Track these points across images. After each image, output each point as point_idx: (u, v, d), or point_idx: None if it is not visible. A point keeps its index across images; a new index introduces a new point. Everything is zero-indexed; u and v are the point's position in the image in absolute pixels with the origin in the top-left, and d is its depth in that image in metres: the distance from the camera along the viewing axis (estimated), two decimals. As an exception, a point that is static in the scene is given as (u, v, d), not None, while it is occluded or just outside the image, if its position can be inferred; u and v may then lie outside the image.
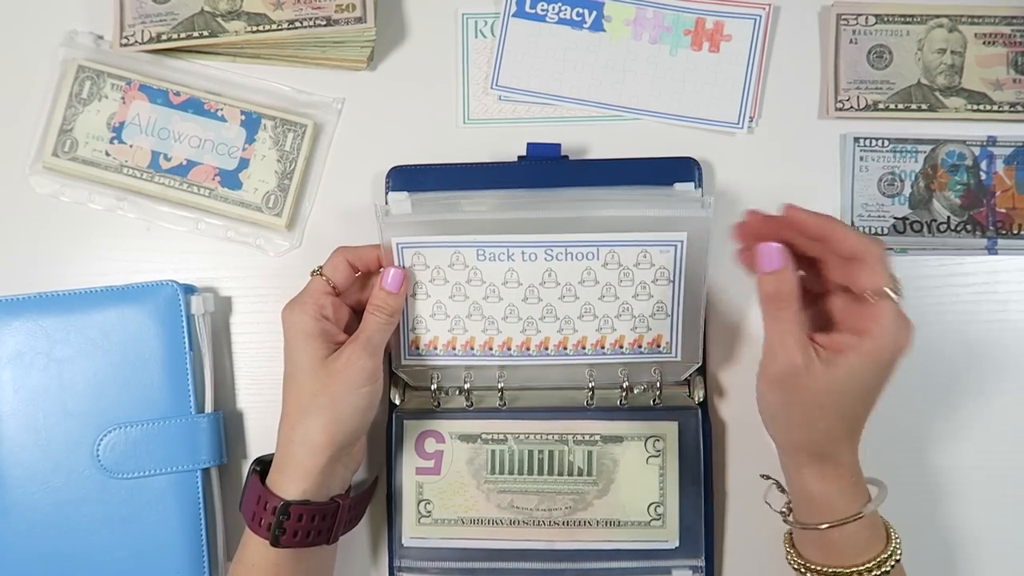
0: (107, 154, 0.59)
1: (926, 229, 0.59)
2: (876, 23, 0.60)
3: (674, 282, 0.54)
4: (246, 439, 0.60)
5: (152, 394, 0.56)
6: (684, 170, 0.57)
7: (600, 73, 0.60)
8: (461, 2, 0.61)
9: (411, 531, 0.57)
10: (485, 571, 0.57)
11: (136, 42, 0.58)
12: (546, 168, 0.58)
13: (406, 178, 0.58)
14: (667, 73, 0.60)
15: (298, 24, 0.58)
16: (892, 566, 0.47)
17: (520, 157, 0.58)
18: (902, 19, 0.60)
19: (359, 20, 0.58)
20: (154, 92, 0.60)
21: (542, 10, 0.61)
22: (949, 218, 0.59)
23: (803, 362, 0.44)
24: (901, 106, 0.59)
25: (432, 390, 0.56)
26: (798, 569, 0.50)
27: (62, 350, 0.56)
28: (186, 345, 0.57)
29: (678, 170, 0.57)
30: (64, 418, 0.56)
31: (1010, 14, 0.59)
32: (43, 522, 0.56)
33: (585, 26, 0.60)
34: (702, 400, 0.57)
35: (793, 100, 0.60)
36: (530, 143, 0.58)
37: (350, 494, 0.54)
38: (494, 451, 0.57)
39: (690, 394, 0.57)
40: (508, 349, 0.55)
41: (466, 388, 0.56)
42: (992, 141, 0.59)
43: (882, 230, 0.59)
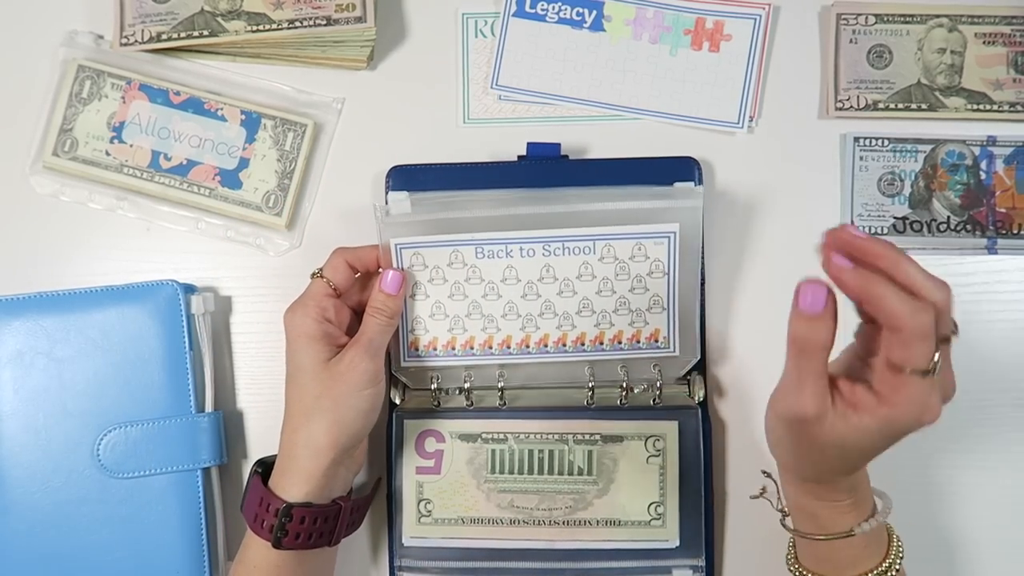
0: (107, 154, 0.59)
1: (926, 229, 0.59)
2: (876, 23, 0.60)
3: (669, 275, 0.54)
4: (246, 439, 0.60)
5: (152, 394, 0.56)
6: (684, 170, 0.57)
7: (600, 73, 0.60)
8: (461, 2, 0.61)
9: (411, 531, 0.57)
10: (485, 571, 0.57)
11: (136, 42, 0.58)
12: (546, 168, 0.58)
13: (406, 178, 0.58)
14: (667, 73, 0.60)
15: (298, 24, 0.58)
16: None
17: (520, 157, 0.58)
18: (902, 19, 0.60)
19: (359, 20, 0.58)
20: (154, 92, 0.60)
21: (542, 10, 0.61)
22: (949, 218, 0.59)
23: (815, 413, 0.41)
24: (901, 106, 0.59)
25: (432, 390, 0.56)
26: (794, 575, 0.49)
27: (62, 350, 0.56)
28: (186, 345, 0.57)
29: (678, 170, 0.57)
30: (64, 418, 0.56)
31: (1010, 14, 0.59)
32: (43, 522, 0.56)
33: (585, 26, 0.60)
34: (702, 400, 0.57)
35: (793, 100, 0.60)
36: (530, 143, 0.58)
37: (352, 496, 0.54)
38: (494, 451, 0.57)
39: (690, 394, 0.57)
40: (508, 347, 0.55)
41: (466, 388, 0.56)
42: (992, 141, 0.59)
43: (882, 230, 0.59)
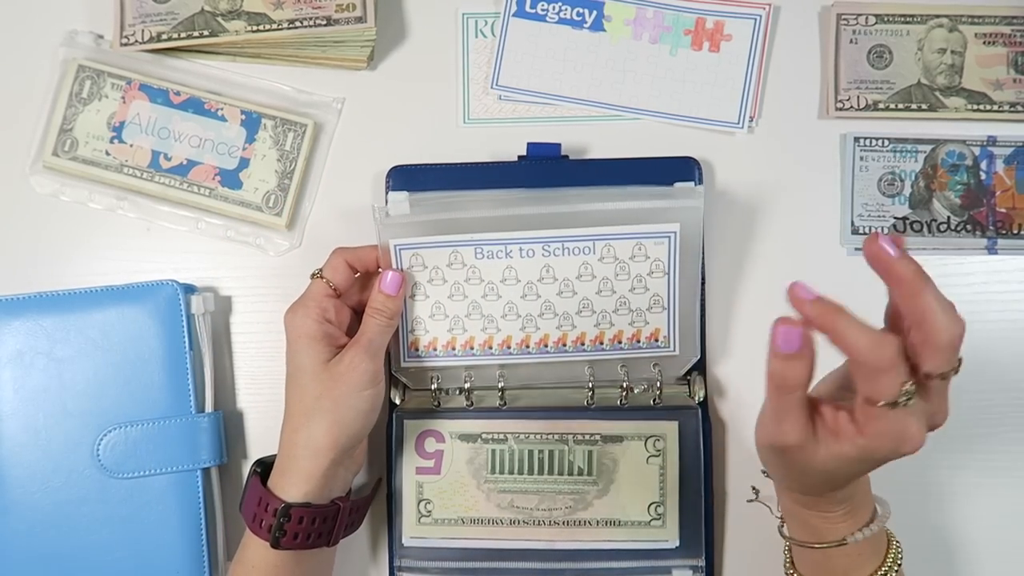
0: (107, 154, 0.59)
1: (926, 229, 0.59)
2: (876, 23, 0.60)
3: (669, 274, 0.54)
4: (246, 439, 0.60)
5: (152, 394, 0.56)
6: (684, 170, 0.57)
7: (600, 73, 0.60)
8: (461, 2, 0.61)
9: (411, 531, 0.57)
10: (485, 571, 0.57)
11: (136, 42, 0.58)
12: (546, 168, 0.58)
13: (406, 178, 0.58)
14: (667, 73, 0.60)
15: (298, 24, 0.58)
16: None
17: (520, 157, 0.58)
18: (902, 19, 0.60)
19: (359, 20, 0.58)
20: (154, 92, 0.60)
21: (542, 10, 0.61)
22: (949, 218, 0.59)
23: (796, 443, 0.41)
24: (901, 106, 0.59)
25: (432, 390, 0.56)
26: None
27: (62, 350, 0.56)
28: (186, 345, 0.57)
29: (678, 170, 0.57)
30: (64, 418, 0.56)
31: (1010, 14, 0.59)
32: (43, 522, 0.56)
33: (585, 26, 0.60)
34: (702, 400, 0.57)
35: (793, 100, 0.60)
36: (530, 143, 0.58)
37: (351, 497, 0.54)
38: (494, 451, 0.57)
39: (690, 394, 0.57)
40: (508, 347, 0.55)
41: (466, 388, 0.56)
42: (992, 141, 0.59)
43: (882, 230, 0.59)
